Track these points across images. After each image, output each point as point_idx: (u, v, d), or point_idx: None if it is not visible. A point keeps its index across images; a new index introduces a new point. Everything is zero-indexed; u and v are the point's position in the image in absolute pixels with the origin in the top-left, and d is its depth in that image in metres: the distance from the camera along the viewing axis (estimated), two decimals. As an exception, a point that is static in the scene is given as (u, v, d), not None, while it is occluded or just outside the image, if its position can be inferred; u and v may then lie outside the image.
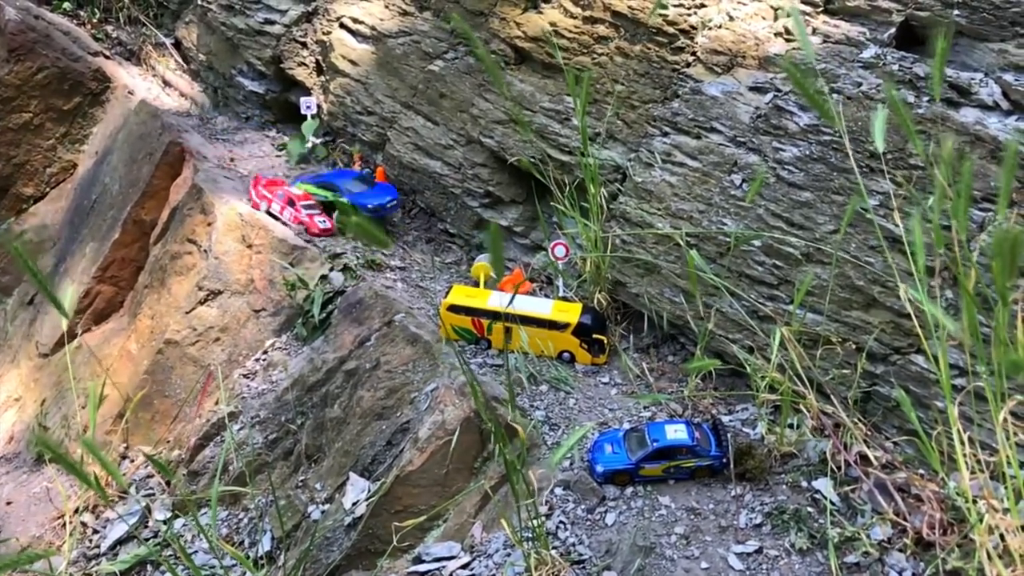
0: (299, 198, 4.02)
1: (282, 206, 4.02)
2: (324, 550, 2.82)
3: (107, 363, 4.04)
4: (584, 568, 2.46)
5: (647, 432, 2.70)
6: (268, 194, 4.07)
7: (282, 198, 4.03)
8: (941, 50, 2.11)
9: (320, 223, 3.94)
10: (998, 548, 2.00)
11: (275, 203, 4.03)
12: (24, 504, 3.59)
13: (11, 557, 2.87)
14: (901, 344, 2.64)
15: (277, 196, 4.05)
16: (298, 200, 4.00)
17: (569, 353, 3.31)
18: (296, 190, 4.09)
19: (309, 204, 4.02)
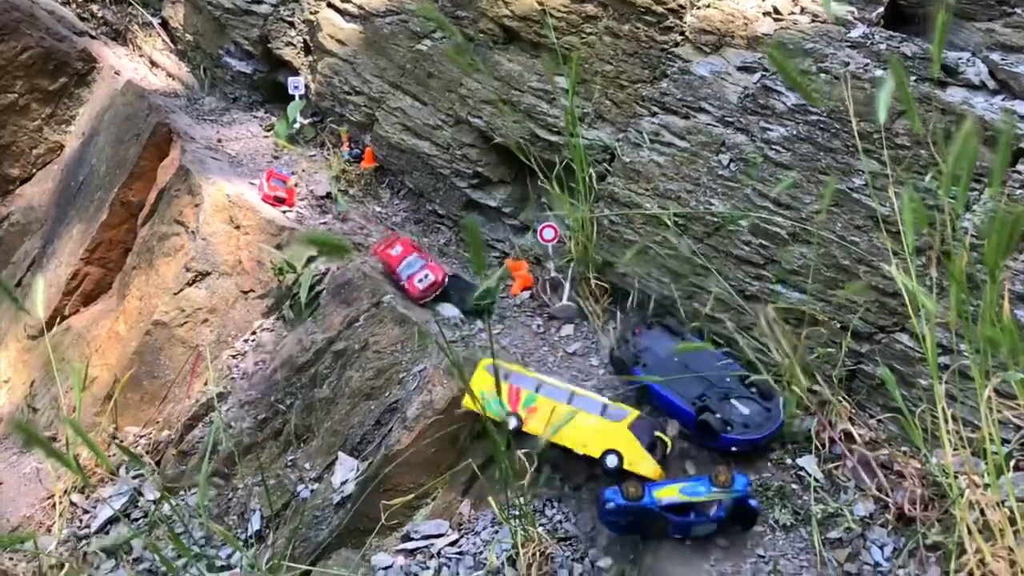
0: (397, 259, 3.50)
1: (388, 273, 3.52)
2: (313, 528, 2.84)
3: (95, 344, 4.04)
4: (570, 544, 2.48)
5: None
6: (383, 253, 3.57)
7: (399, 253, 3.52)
8: (941, 23, 2.09)
9: (420, 281, 3.41)
10: (978, 523, 2.02)
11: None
12: (14, 485, 3.59)
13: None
14: (886, 323, 2.66)
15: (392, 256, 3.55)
16: (395, 264, 3.49)
17: (617, 456, 2.52)
18: (397, 249, 3.52)
19: (408, 263, 3.48)
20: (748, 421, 2.55)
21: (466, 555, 2.56)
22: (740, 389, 2.65)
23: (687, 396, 2.66)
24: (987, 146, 2.52)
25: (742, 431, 2.52)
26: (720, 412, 2.56)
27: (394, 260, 3.47)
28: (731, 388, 2.66)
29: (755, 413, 2.56)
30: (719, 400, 2.63)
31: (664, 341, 2.92)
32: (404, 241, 3.59)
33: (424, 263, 3.44)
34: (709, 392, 2.66)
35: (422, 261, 3.45)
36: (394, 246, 3.54)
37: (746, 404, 2.60)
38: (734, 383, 2.66)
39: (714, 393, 2.65)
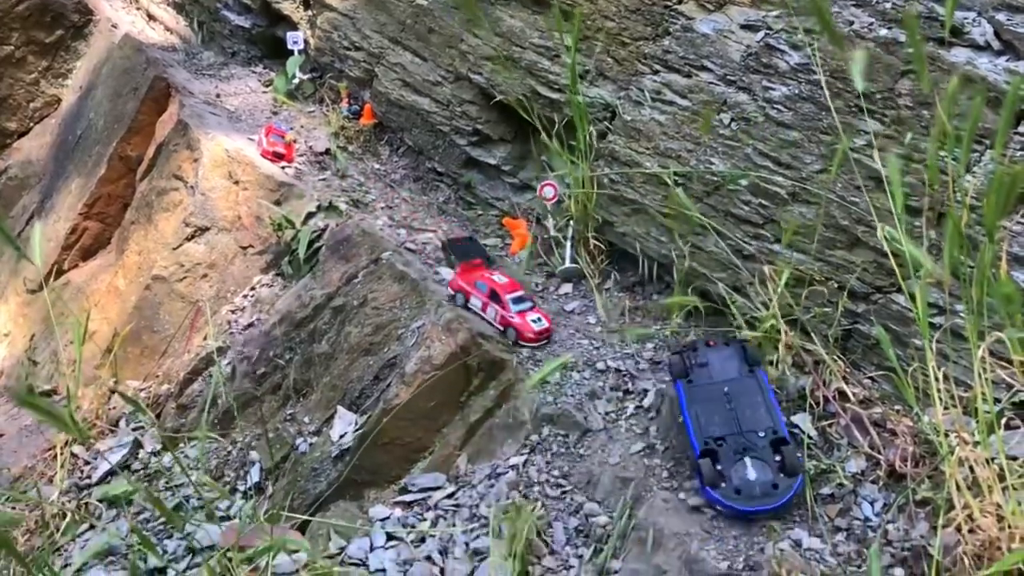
0: (505, 288, 3.12)
1: (484, 302, 3.12)
2: (312, 481, 2.87)
3: (95, 299, 4.06)
4: (563, 498, 2.52)
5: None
6: (466, 285, 3.19)
7: (484, 291, 3.12)
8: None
9: (535, 323, 3.06)
10: (967, 479, 2.05)
11: (475, 298, 3.15)
12: (16, 436, 3.63)
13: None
14: (883, 283, 2.67)
15: (477, 288, 3.16)
16: (504, 292, 3.10)
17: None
18: (500, 278, 3.18)
19: (519, 297, 3.11)
20: (745, 487, 2.26)
21: (462, 507, 2.59)
22: (766, 450, 2.32)
23: (705, 431, 2.41)
24: (990, 107, 2.51)
25: (732, 496, 2.25)
26: (724, 465, 2.31)
27: (501, 288, 3.09)
28: (755, 445, 2.34)
29: (760, 482, 2.26)
30: (734, 451, 2.34)
31: (727, 363, 2.62)
32: (502, 271, 3.30)
33: (533, 303, 3.16)
34: (730, 438, 2.37)
35: (531, 302, 3.16)
36: (494, 273, 3.22)
37: (758, 468, 2.30)
38: (764, 441, 2.34)
39: (734, 442, 2.36)
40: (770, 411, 2.42)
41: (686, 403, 2.49)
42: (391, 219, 3.81)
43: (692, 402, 2.49)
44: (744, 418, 2.41)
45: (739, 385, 2.50)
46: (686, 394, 2.51)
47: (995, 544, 1.92)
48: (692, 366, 2.63)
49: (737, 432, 2.38)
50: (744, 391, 2.48)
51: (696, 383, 2.56)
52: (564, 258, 3.53)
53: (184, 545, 2.77)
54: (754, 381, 2.52)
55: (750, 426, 2.38)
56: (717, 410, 2.45)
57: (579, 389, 2.89)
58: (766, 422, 2.38)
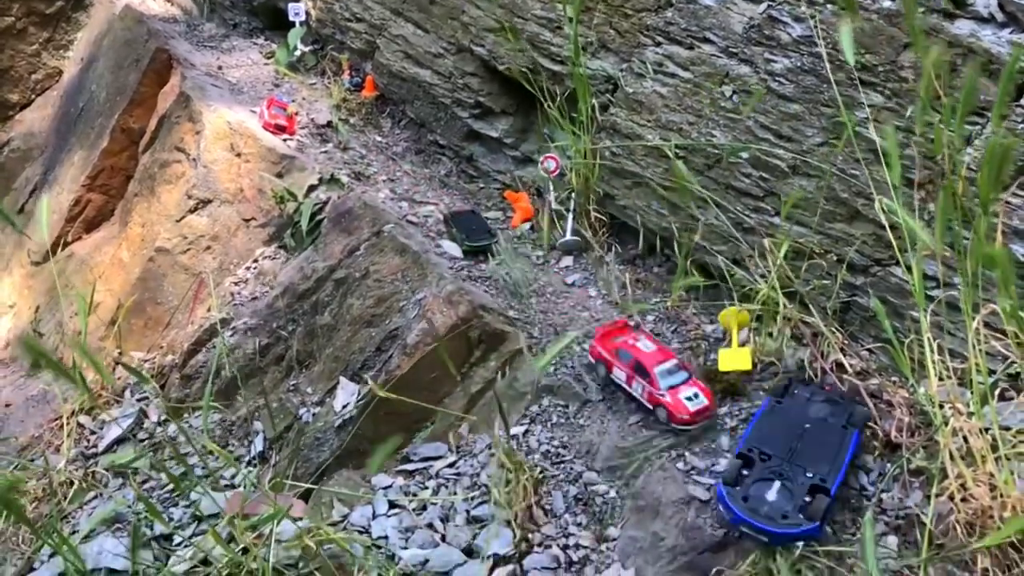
0: (652, 359, 2.60)
1: (629, 374, 2.63)
2: (315, 450, 2.91)
3: (99, 270, 4.08)
4: (562, 466, 2.55)
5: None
6: (606, 353, 2.71)
7: (628, 361, 2.63)
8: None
9: (691, 400, 2.50)
10: (961, 449, 2.07)
11: (618, 369, 2.67)
12: (23, 406, 3.67)
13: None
14: (882, 256, 2.68)
15: (620, 358, 2.66)
16: (652, 364, 2.58)
17: None
18: (646, 344, 2.68)
19: (670, 369, 2.58)
20: (755, 502, 2.11)
21: (463, 476, 2.63)
22: (801, 487, 2.13)
23: (758, 440, 2.29)
24: (992, 80, 2.50)
25: (737, 500, 2.12)
26: (752, 475, 2.18)
27: (647, 359, 2.59)
28: (794, 478, 2.15)
29: (773, 505, 2.10)
30: (770, 471, 2.19)
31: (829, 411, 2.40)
32: (647, 334, 2.80)
33: (688, 375, 2.59)
34: (776, 460, 2.22)
35: (685, 372, 2.60)
36: (639, 338, 2.73)
37: (781, 495, 2.12)
38: (807, 480, 2.15)
39: (777, 465, 2.20)
40: (834, 465, 2.19)
41: (760, 414, 2.39)
42: (393, 192, 3.82)
43: (768, 415, 2.38)
44: (803, 454, 2.23)
45: (824, 430, 2.31)
46: (767, 408, 2.42)
47: (987, 513, 1.94)
48: (793, 393, 2.48)
49: (786, 459, 2.22)
50: (824, 437, 2.29)
51: (784, 406, 2.42)
52: (565, 231, 3.54)
53: (190, 513, 2.82)
54: (841, 435, 2.30)
55: (803, 462, 2.20)
56: (784, 434, 2.30)
57: (579, 361, 2.92)
58: (822, 469, 2.18)
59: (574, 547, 2.30)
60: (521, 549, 2.29)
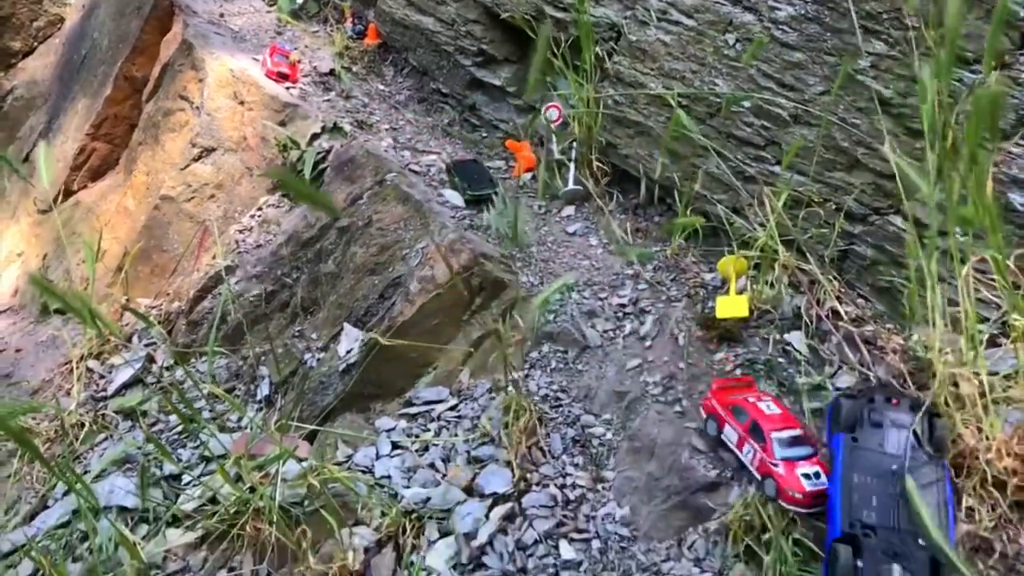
0: (772, 422, 2.21)
1: (741, 436, 2.25)
2: (320, 394, 2.97)
3: (105, 219, 4.11)
4: (561, 410, 2.61)
5: None
6: (720, 408, 2.33)
7: (743, 421, 2.25)
8: None
9: (808, 479, 2.08)
10: (951, 394, 2.12)
11: (730, 428, 2.29)
12: (33, 352, 3.73)
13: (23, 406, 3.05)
14: (880, 205, 2.69)
15: (735, 415, 2.29)
16: (769, 427, 2.19)
17: None
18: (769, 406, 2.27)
19: (791, 438, 2.18)
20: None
21: (464, 419, 2.69)
22: (923, 567, 1.83)
23: (856, 511, 1.94)
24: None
25: None
26: (867, 565, 1.84)
27: (766, 421, 2.21)
28: (911, 554, 1.84)
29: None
30: (882, 551, 1.87)
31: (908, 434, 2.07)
32: (774, 397, 2.38)
33: (813, 451, 2.17)
34: (883, 533, 1.90)
35: (810, 448, 2.17)
36: (762, 398, 2.33)
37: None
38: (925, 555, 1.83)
39: (886, 539, 1.87)
40: (942, 520, 1.89)
41: (842, 466, 2.00)
42: (395, 141, 3.83)
43: (851, 468, 1.99)
44: (906, 513, 1.90)
45: (915, 471, 1.95)
46: (846, 455, 2.02)
47: (974, 453, 1.99)
48: (863, 421, 2.12)
49: (893, 528, 1.90)
50: (919, 480, 1.93)
51: (863, 445, 2.05)
52: (567, 180, 3.55)
53: (197, 454, 2.89)
54: (934, 471, 1.97)
55: (912, 527, 1.88)
56: (879, 490, 1.95)
57: (579, 308, 2.96)
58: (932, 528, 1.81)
59: (571, 486, 2.36)
60: (520, 488, 2.36)
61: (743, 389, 2.39)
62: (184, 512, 2.55)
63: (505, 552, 2.17)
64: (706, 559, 2.08)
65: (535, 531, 2.22)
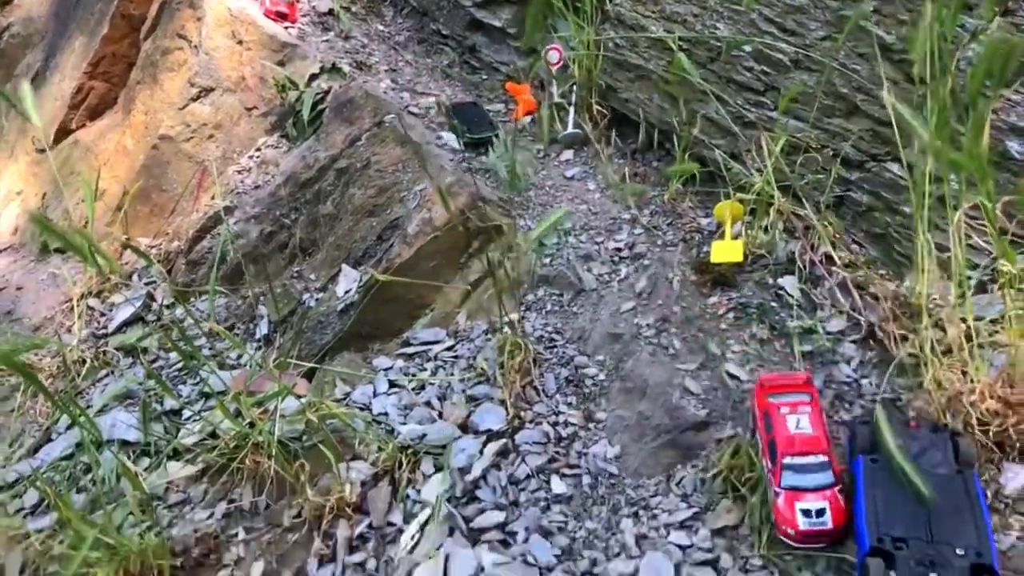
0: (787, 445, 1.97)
1: (763, 447, 2.03)
2: (318, 333, 3.01)
3: (104, 158, 4.11)
4: (555, 351, 2.65)
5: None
6: (757, 408, 2.09)
7: (768, 432, 2.01)
8: None
9: (808, 517, 1.89)
10: (939, 339, 2.15)
11: (759, 435, 2.07)
12: (33, 290, 3.77)
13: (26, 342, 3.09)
14: (878, 152, 2.69)
15: (764, 421, 2.04)
16: (784, 450, 1.96)
17: None
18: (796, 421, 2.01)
19: (804, 465, 1.95)
20: None
21: (461, 359, 2.73)
22: (960, 564, 1.71)
23: (883, 525, 1.82)
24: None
25: None
26: (904, 574, 1.73)
27: (785, 442, 1.98)
28: (948, 563, 1.72)
29: None
30: (916, 562, 1.74)
31: (931, 453, 1.94)
32: (819, 407, 2.08)
33: (831, 482, 1.93)
34: (914, 544, 1.77)
35: (828, 477, 1.94)
36: (802, 407, 2.05)
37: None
38: (963, 562, 1.71)
39: (919, 550, 1.75)
40: (978, 526, 1.77)
41: (864, 485, 1.91)
42: (394, 82, 3.81)
43: (872, 486, 1.90)
44: (939, 525, 1.79)
45: (939, 483, 1.83)
46: (866, 474, 1.93)
47: (958, 397, 2.03)
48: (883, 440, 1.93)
49: (925, 539, 1.78)
50: (945, 492, 1.82)
51: (882, 465, 1.92)
52: (567, 124, 3.54)
53: (197, 390, 2.94)
54: (961, 483, 1.86)
55: (946, 537, 1.76)
56: (904, 505, 1.83)
57: (575, 252, 2.98)
58: (969, 538, 1.75)
59: (563, 424, 2.41)
60: (514, 425, 2.41)
61: (791, 388, 2.08)
62: (185, 446, 2.60)
63: (498, 486, 2.23)
64: (693, 495, 2.13)
65: (527, 466, 2.27)
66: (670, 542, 2.02)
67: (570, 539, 2.09)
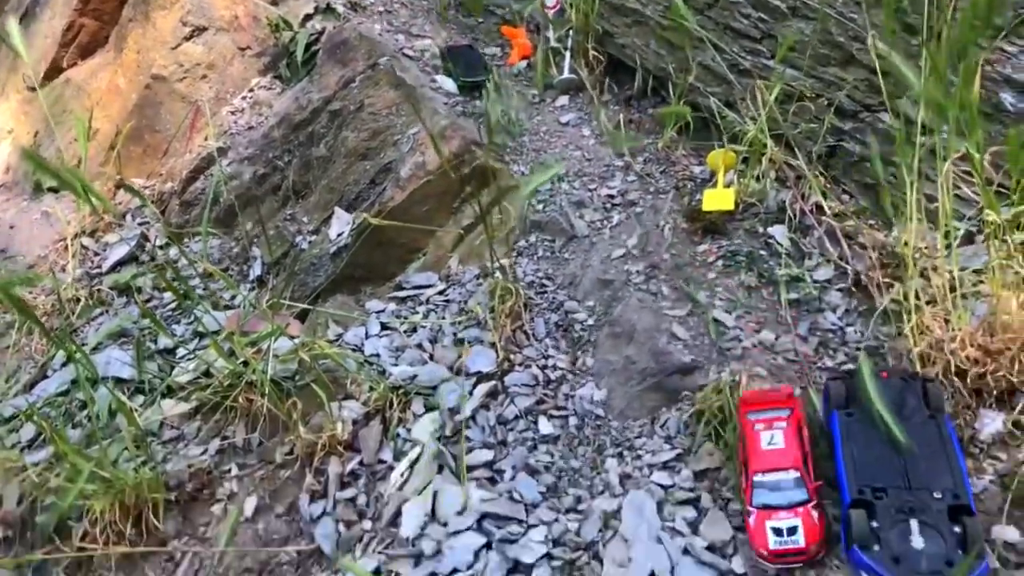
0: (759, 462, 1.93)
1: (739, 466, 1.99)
2: (311, 275, 3.03)
3: (96, 97, 4.08)
4: (545, 296, 2.68)
5: None
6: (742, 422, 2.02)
7: (743, 448, 1.98)
8: None
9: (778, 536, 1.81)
10: (924, 288, 2.18)
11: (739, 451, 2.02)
12: (26, 228, 3.77)
13: (21, 276, 3.11)
14: (872, 102, 2.69)
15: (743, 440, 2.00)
16: (754, 467, 1.92)
17: None
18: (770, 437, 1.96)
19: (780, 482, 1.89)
20: (907, 557, 1.70)
21: (452, 303, 2.75)
22: (941, 515, 1.75)
23: (861, 476, 1.86)
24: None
25: (888, 564, 1.70)
26: (882, 524, 1.76)
27: (757, 459, 1.93)
28: (927, 507, 1.76)
29: (929, 554, 1.71)
30: (896, 509, 1.78)
31: (902, 402, 1.97)
32: (800, 423, 2.00)
33: (805, 499, 1.86)
34: (893, 492, 1.81)
35: (802, 494, 1.87)
36: (779, 423, 1.98)
37: (928, 537, 1.72)
38: (941, 504, 1.76)
39: (898, 498, 1.80)
40: (953, 469, 1.83)
41: (841, 440, 1.94)
42: (389, 24, 3.77)
43: (849, 439, 1.94)
44: (916, 471, 1.83)
45: (913, 430, 1.88)
46: (842, 429, 1.96)
47: (938, 344, 2.07)
48: (855, 397, 2.01)
49: (904, 486, 1.83)
50: (920, 439, 1.87)
51: (857, 418, 1.97)
52: (563, 69, 3.52)
53: (191, 330, 2.97)
54: (935, 428, 1.91)
55: (923, 483, 1.81)
56: (880, 455, 1.88)
57: (568, 199, 2.99)
58: (945, 481, 1.80)
59: (552, 368, 2.44)
60: (503, 368, 2.44)
61: (771, 404, 2.02)
62: (178, 384, 2.64)
63: (487, 426, 2.27)
64: (676, 437, 2.17)
65: (516, 407, 2.32)
66: (653, 481, 2.07)
67: (556, 477, 2.15)
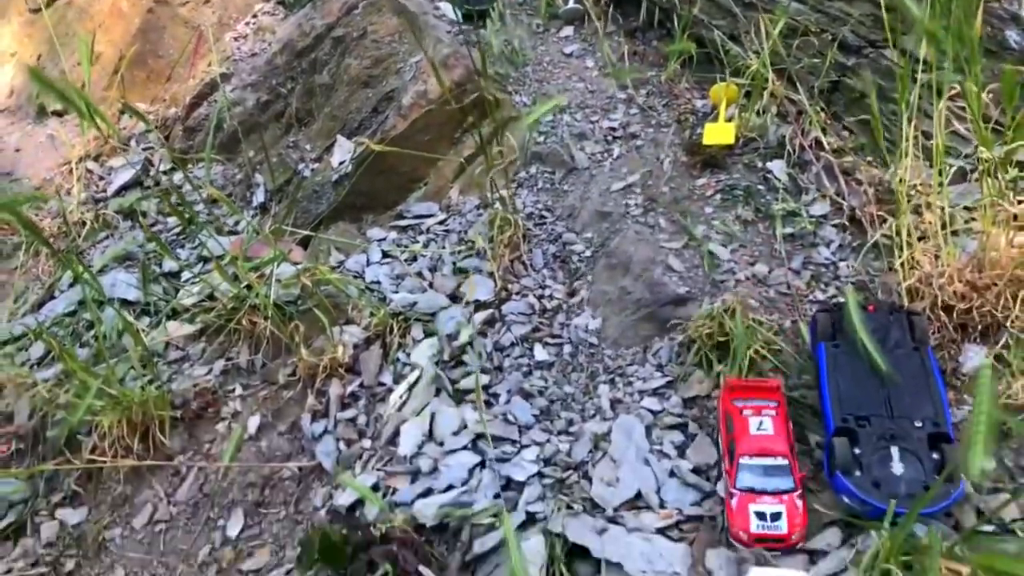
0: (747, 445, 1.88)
1: (723, 450, 1.93)
2: (313, 202, 3.06)
3: (99, 20, 4.05)
4: (544, 227, 2.71)
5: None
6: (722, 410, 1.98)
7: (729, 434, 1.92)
8: None
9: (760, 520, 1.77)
10: (916, 225, 2.21)
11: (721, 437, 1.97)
12: (32, 151, 3.79)
13: (28, 194, 3.14)
14: (876, 38, 2.68)
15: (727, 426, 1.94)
16: (741, 450, 1.88)
17: None
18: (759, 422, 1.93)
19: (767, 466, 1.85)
20: (887, 482, 1.76)
21: (452, 232, 2.79)
22: (921, 443, 1.81)
23: (845, 406, 1.90)
24: None
25: (868, 488, 1.75)
26: (864, 451, 1.82)
27: (745, 443, 1.89)
28: (908, 434, 1.82)
29: (907, 479, 1.77)
30: (878, 437, 1.83)
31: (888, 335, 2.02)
32: (786, 414, 1.97)
33: (791, 487, 1.82)
34: (876, 421, 1.86)
35: (789, 482, 1.83)
36: (767, 412, 1.96)
37: (908, 463, 1.78)
38: (921, 432, 1.82)
39: (881, 426, 1.85)
40: (934, 399, 1.88)
41: (827, 370, 1.99)
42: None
43: (835, 370, 1.98)
44: (898, 401, 1.90)
45: (897, 361, 1.94)
46: (829, 360, 2.01)
47: (928, 279, 2.11)
48: (842, 329, 2.05)
49: (886, 415, 1.88)
50: (903, 370, 1.93)
51: (843, 350, 2.01)
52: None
53: (196, 254, 3.01)
54: (918, 360, 1.96)
55: (904, 412, 1.87)
56: (865, 385, 1.94)
57: (570, 131, 3.00)
58: (926, 410, 1.85)
59: (548, 297, 2.49)
60: (501, 297, 2.49)
61: (759, 393, 2.00)
62: (183, 306, 2.70)
63: (484, 352, 2.33)
64: (668, 365, 2.23)
65: (512, 335, 2.37)
66: (643, 407, 2.13)
67: (549, 401, 2.21)
